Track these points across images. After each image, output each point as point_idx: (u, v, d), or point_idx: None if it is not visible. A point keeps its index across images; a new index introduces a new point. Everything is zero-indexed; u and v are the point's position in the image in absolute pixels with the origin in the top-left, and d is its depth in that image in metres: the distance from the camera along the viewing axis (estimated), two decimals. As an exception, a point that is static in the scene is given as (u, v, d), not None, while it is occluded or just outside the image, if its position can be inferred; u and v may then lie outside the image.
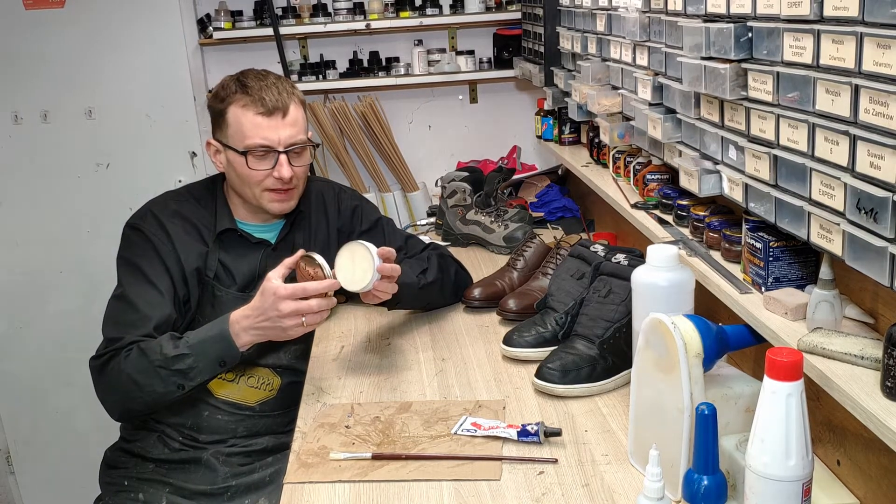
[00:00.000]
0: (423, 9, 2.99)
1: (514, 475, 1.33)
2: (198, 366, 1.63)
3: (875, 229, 0.95)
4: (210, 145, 1.84)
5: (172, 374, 1.63)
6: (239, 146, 1.76)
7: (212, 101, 1.84)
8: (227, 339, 1.62)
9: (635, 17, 1.70)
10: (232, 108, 1.77)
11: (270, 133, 1.75)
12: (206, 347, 1.63)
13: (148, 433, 1.84)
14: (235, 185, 1.84)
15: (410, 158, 3.13)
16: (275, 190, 1.80)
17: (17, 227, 3.13)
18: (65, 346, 3.23)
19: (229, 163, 1.81)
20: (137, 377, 1.64)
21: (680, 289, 1.40)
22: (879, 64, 0.92)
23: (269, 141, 1.76)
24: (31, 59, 2.99)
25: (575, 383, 1.56)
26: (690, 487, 1.14)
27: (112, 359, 1.68)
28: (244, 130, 1.75)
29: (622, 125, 1.93)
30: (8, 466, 3.34)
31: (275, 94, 1.76)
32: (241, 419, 1.82)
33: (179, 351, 1.63)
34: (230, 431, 1.82)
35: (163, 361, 1.63)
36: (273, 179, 1.78)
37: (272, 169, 1.77)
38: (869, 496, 1.20)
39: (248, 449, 1.82)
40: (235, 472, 1.79)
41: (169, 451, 1.81)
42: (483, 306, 2.01)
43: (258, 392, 1.84)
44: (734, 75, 1.26)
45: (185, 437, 1.81)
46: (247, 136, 1.75)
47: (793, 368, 1.01)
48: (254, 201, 1.83)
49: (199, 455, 1.79)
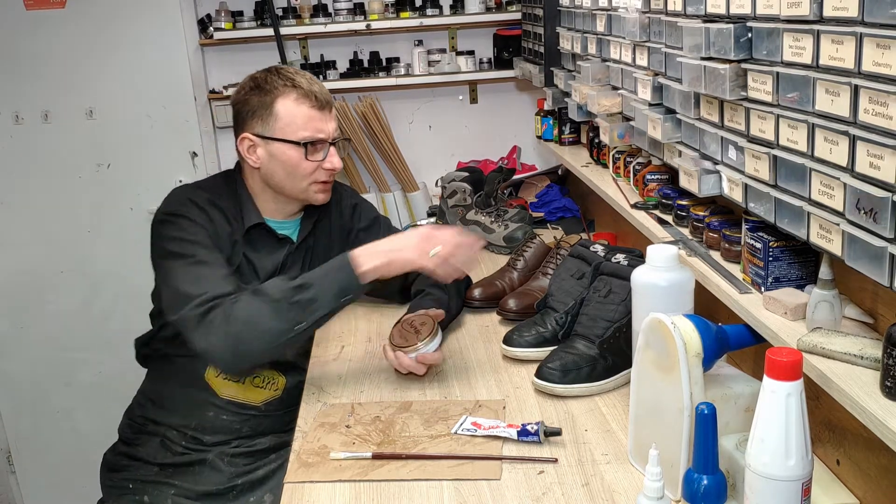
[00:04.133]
0: (424, 9, 2.99)
1: (514, 475, 1.33)
2: (319, 298, 1.57)
3: (874, 229, 0.96)
4: (245, 140, 1.80)
5: (292, 308, 1.56)
6: (293, 138, 1.77)
7: (248, 95, 1.79)
8: (347, 268, 1.59)
9: (635, 17, 1.70)
10: (282, 101, 1.76)
11: (323, 125, 1.80)
12: (327, 278, 1.59)
13: (149, 437, 1.83)
14: (277, 178, 1.81)
15: (410, 158, 3.14)
16: (322, 182, 1.83)
17: (17, 227, 3.13)
18: (65, 346, 3.23)
19: (273, 157, 1.78)
20: (252, 317, 1.56)
21: (680, 289, 1.40)
22: (879, 64, 0.92)
23: (324, 133, 1.79)
24: (31, 59, 2.99)
25: (575, 383, 1.57)
26: (690, 487, 1.14)
27: (213, 309, 1.58)
28: (299, 122, 1.77)
29: (622, 125, 1.93)
30: (9, 466, 3.35)
31: (320, 88, 1.81)
32: (245, 419, 1.83)
33: (299, 282, 1.58)
34: (234, 432, 1.82)
35: (282, 294, 1.57)
36: (322, 171, 1.81)
37: (323, 160, 1.80)
38: (868, 496, 1.20)
39: (252, 449, 1.83)
40: (240, 472, 1.80)
41: (172, 455, 1.81)
42: (483, 306, 2.01)
43: (263, 392, 1.84)
44: (734, 75, 1.26)
45: (189, 440, 1.81)
46: (302, 129, 1.77)
47: (792, 368, 1.01)
48: (299, 194, 1.83)
49: (203, 456, 1.80)
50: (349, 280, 1.59)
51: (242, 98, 1.81)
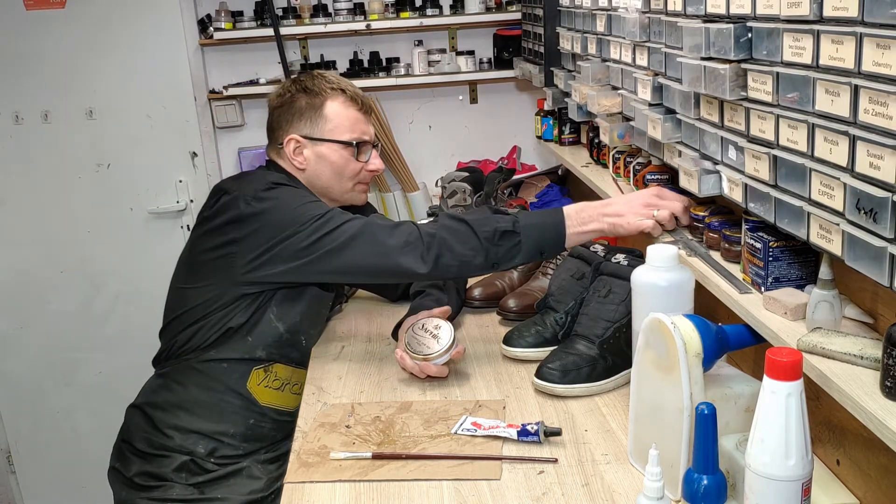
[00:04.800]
0: (424, 9, 2.99)
1: (514, 475, 1.33)
2: (521, 249, 1.63)
3: (875, 229, 0.96)
4: (292, 141, 1.84)
5: (494, 247, 1.62)
6: (343, 139, 1.84)
7: (297, 96, 1.84)
8: (559, 232, 1.63)
9: (635, 17, 1.70)
10: (331, 104, 1.85)
11: (367, 128, 1.90)
12: (535, 233, 1.63)
13: (175, 455, 1.76)
14: (324, 179, 1.86)
15: (410, 158, 3.14)
16: (364, 182, 1.92)
17: (17, 227, 3.13)
18: (65, 346, 3.23)
19: (320, 157, 1.85)
20: (453, 243, 1.62)
21: (680, 289, 1.40)
22: (879, 64, 0.92)
23: (369, 135, 1.90)
24: (31, 59, 2.99)
25: (575, 383, 1.57)
26: (690, 487, 1.14)
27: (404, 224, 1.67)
28: (348, 125, 1.86)
29: (622, 125, 1.93)
30: (9, 466, 3.35)
31: (362, 93, 1.91)
32: (280, 425, 1.83)
33: (508, 226, 1.62)
34: (269, 438, 1.82)
35: (491, 234, 1.62)
36: (365, 172, 1.90)
37: (367, 162, 1.89)
38: (868, 496, 1.20)
39: (279, 452, 1.82)
40: (275, 477, 1.77)
41: (205, 473, 1.75)
42: (483, 306, 2.01)
43: (299, 398, 1.81)
44: (734, 75, 1.26)
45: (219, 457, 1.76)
46: (351, 130, 1.86)
47: (792, 368, 1.01)
48: (342, 195, 1.89)
49: (239, 467, 1.77)
50: (556, 241, 1.65)
51: (288, 100, 1.85)
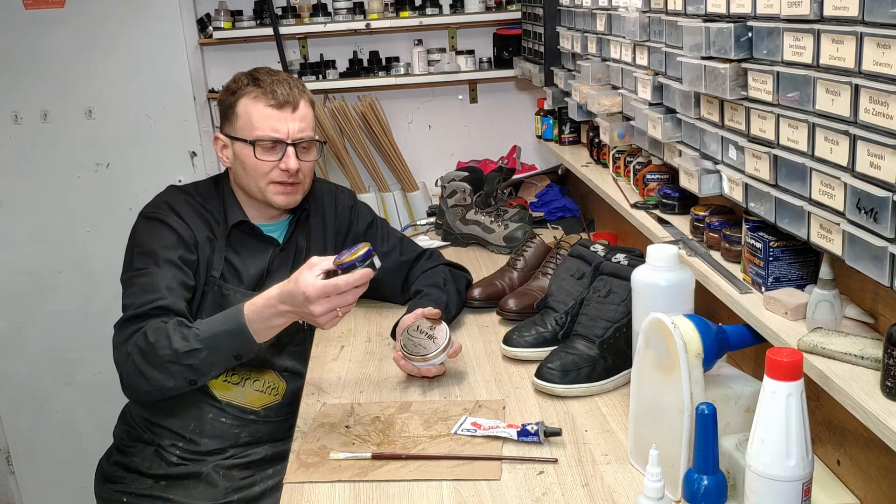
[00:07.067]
0: (423, 9, 2.99)
1: (514, 475, 1.33)
2: (212, 360, 1.57)
3: (875, 229, 0.95)
4: (218, 140, 1.85)
5: (184, 370, 1.57)
6: (248, 137, 1.78)
7: (222, 95, 1.85)
8: (244, 334, 1.54)
9: (635, 16, 1.70)
10: (243, 101, 1.79)
11: (280, 125, 1.78)
12: (220, 341, 1.56)
13: (144, 446, 1.81)
14: (241, 179, 1.84)
15: (410, 158, 3.13)
16: (280, 183, 1.81)
17: (17, 227, 3.13)
18: (65, 346, 3.23)
19: (236, 156, 1.82)
20: (145, 369, 1.58)
21: (680, 289, 1.40)
22: (879, 64, 0.92)
23: (279, 132, 1.78)
24: (31, 59, 2.98)
25: (575, 383, 1.56)
26: (690, 487, 1.14)
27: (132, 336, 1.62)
28: (254, 121, 1.78)
29: (622, 125, 1.93)
30: (8, 466, 3.34)
31: (286, 88, 1.79)
32: (244, 424, 1.80)
33: (191, 346, 1.56)
34: (233, 437, 1.79)
35: (173, 356, 1.56)
36: (279, 172, 1.79)
37: (279, 161, 1.78)
38: (869, 496, 1.20)
39: (247, 459, 1.79)
40: (236, 487, 1.76)
41: (167, 466, 1.77)
42: (483, 306, 2.01)
43: (263, 396, 1.82)
44: (734, 75, 1.26)
45: (183, 451, 1.77)
46: (256, 128, 1.78)
47: (793, 368, 1.01)
48: (259, 195, 1.83)
49: (198, 469, 1.76)
50: (245, 344, 1.56)
51: (219, 98, 1.88)
